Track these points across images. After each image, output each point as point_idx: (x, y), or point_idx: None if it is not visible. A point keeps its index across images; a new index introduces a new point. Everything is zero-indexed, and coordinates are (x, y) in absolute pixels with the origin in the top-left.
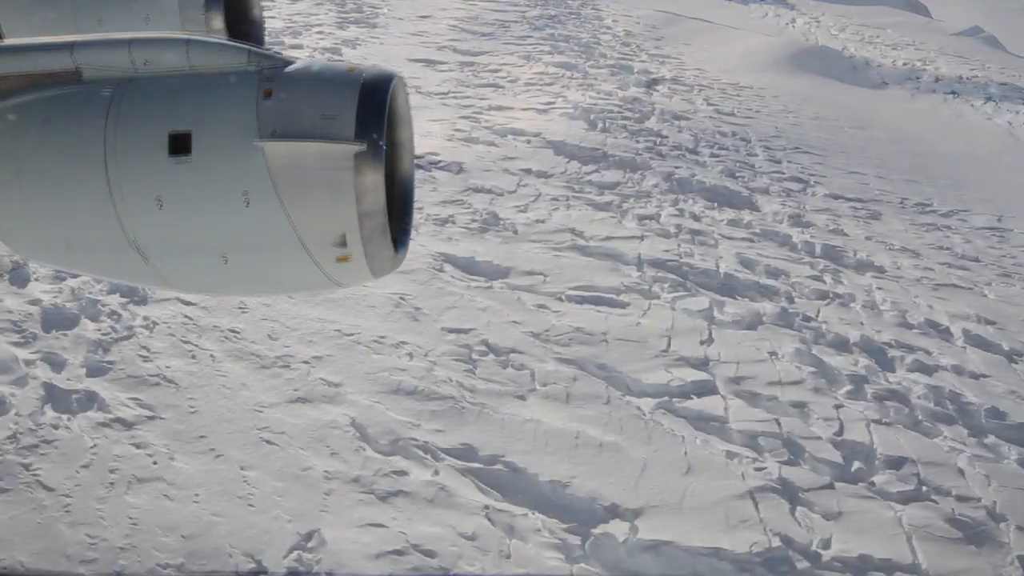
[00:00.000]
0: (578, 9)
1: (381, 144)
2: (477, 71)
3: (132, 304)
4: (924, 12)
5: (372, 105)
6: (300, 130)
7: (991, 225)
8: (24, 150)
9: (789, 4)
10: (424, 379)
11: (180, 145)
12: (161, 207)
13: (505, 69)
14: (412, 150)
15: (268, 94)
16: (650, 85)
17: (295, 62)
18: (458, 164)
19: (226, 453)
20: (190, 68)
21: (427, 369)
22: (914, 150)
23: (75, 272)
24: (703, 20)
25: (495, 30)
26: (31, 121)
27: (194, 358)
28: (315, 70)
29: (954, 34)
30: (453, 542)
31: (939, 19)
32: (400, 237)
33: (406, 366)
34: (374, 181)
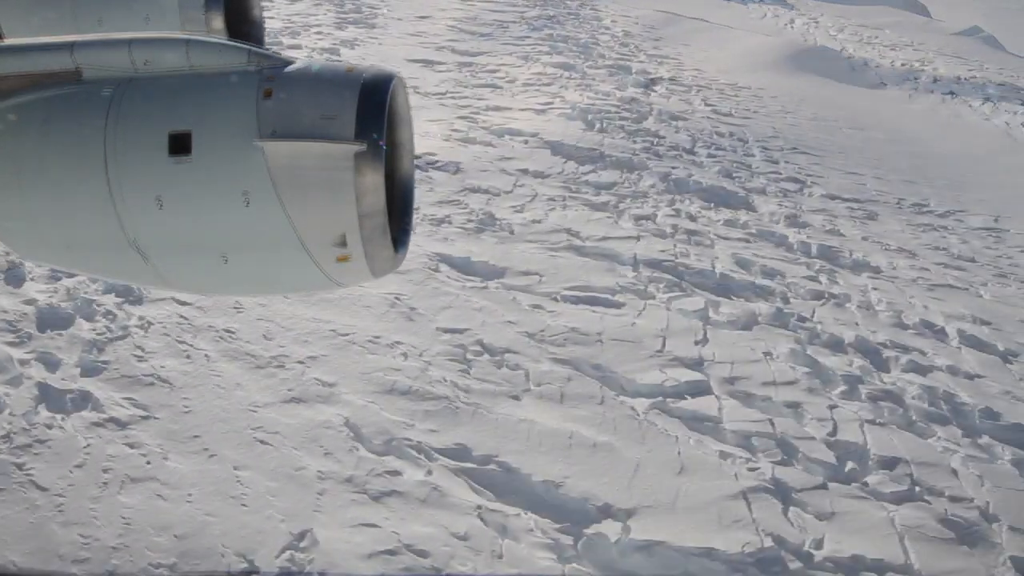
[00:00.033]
0: (577, 9)
1: (381, 144)
2: (475, 71)
3: (127, 304)
4: (923, 12)
5: (372, 105)
6: (300, 130)
7: (988, 226)
8: (24, 150)
9: (788, 4)
10: (418, 379)
11: (180, 145)
12: (161, 207)
13: (503, 69)
14: (412, 150)
15: (268, 94)
16: (648, 85)
17: (295, 62)
18: (455, 164)
19: (220, 453)
20: (190, 68)
21: (422, 369)
22: (912, 151)
23: (75, 272)
24: (702, 20)
25: (493, 30)
26: (31, 121)
27: (189, 358)
28: (315, 70)
29: (953, 34)
30: (446, 542)
31: (938, 19)
32: (400, 237)
33: (401, 366)
34: (374, 181)
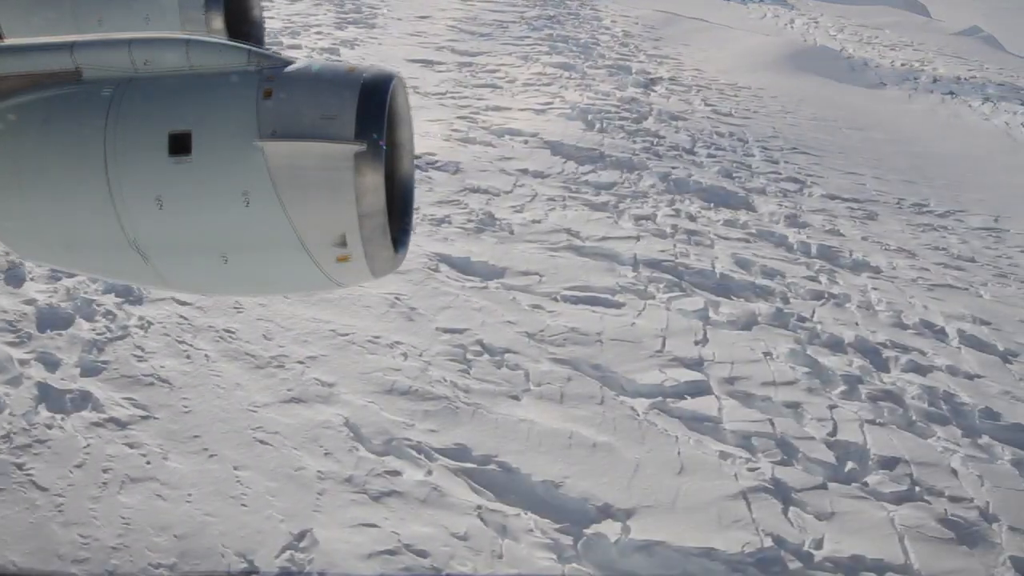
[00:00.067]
0: (577, 9)
1: (381, 144)
2: (475, 71)
3: (127, 304)
4: (923, 12)
5: (372, 105)
6: (300, 130)
7: (987, 225)
8: (24, 150)
9: (788, 4)
10: (418, 379)
11: (180, 145)
12: (161, 207)
13: (503, 69)
14: (412, 150)
15: (268, 94)
16: (648, 85)
17: (295, 62)
18: (455, 164)
19: (220, 453)
20: (190, 68)
21: (421, 369)
22: (912, 151)
23: (75, 272)
24: (702, 20)
25: (493, 30)
26: (31, 121)
27: (189, 358)
28: (315, 70)
29: (953, 34)
30: (445, 542)
31: (938, 19)
32: (400, 237)
33: (400, 366)
34: (374, 181)
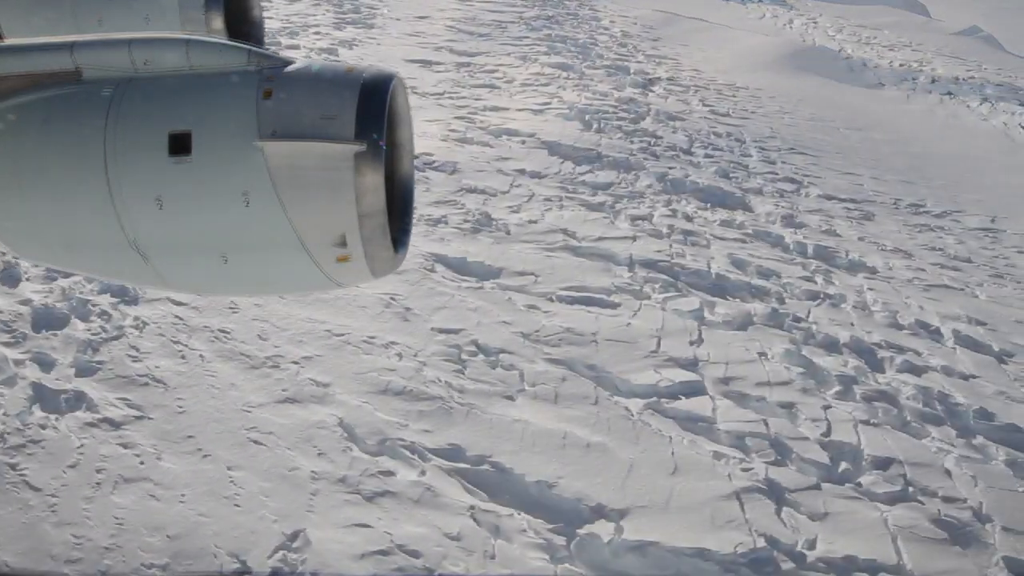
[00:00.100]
0: (575, 10)
1: (381, 144)
2: (473, 72)
3: (123, 304)
4: (923, 12)
5: (372, 105)
6: (300, 130)
7: (984, 226)
8: (24, 150)
9: (787, 4)
10: (413, 379)
11: (180, 145)
12: (161, 207)
13: (501, 70)
14: (412, 150)
15: (268, 94)
16: (646, 86)
17: (295, 62)
18: (452, 164)
19: (213, 453)
20: (190, 68)
21: (416, 369)
22: (910, 151)
23: (74, 272)
24: (700, 20)
25: (492, 31)
26: (31, 121)
27: (183, 358)
28: (315, 70)
29: (952, 34)
30: (438, 542)
31: (938, 19)
32: (400, 237)
33: (395, 366)
34: (374, 181)
